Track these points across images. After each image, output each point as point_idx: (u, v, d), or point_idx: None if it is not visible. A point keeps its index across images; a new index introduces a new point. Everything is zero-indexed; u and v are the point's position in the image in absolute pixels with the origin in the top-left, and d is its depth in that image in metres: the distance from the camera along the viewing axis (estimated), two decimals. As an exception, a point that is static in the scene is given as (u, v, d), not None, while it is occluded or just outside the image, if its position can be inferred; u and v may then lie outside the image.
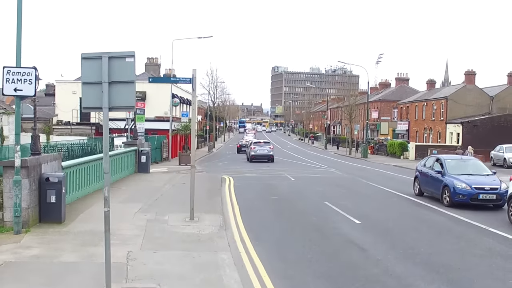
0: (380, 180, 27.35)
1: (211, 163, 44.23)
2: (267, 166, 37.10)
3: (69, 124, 46.80)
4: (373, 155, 63.95)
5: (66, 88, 47.80)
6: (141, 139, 29.13)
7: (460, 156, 19.77)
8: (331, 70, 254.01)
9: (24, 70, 12.41)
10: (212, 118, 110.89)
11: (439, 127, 60.27)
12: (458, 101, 57.92)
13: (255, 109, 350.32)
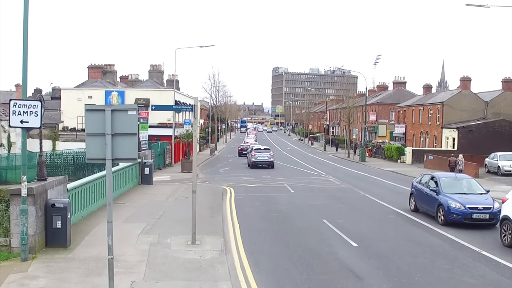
0: (377, 191, 27.34)
1: (213, 169, 44.23)
2: (267, 174, 37.12)
3: (75, 131, 46.82)
4: (371, 158, 63.94)
5: (71, 95, 47.94)
6: (144, 152, 29.08)
7: (454, 174, 19.78)
8: (330, 71, 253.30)
9: (30, 103, 12.51)
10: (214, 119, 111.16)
11: (435, 131, 60.24)
12: (453, 106, 57.90)
13: (256, 109, 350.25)
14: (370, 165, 52.56)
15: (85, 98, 47.72)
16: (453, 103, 58.02)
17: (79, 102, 47.83)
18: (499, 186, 31.50)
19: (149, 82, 49.72)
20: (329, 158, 65.74)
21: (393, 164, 55.23)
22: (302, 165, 47.63)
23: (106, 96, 47.58)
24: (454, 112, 57.84)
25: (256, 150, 43.78)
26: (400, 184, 31.44)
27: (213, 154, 66.96)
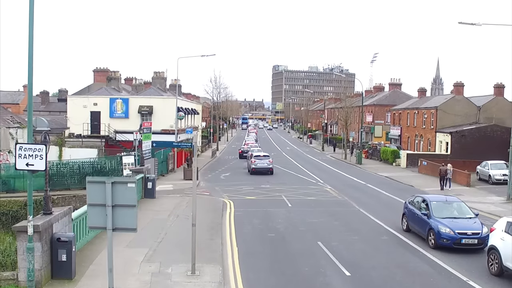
0: (372, 205, 27.38)
1: (214, 174, 44.30)
2: (266, 182, 37.14)
3: (81, 137, 46.92)
4: (367, 160, 64.01)
5: (77, 103, 47.96)
6: (147, 166, 29.15)
7: (445, 197, 19.78)
8: (328, 69, 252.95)
9: (35, 146, 12.61)
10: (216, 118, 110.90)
11: (429, 135, 60.27)
12: (447, 111, 57.91)
13: (257, 105, 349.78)
14: (366, 169, 52.64)
15: (90, 105, 47.77)
16: (447, 108, 58.03)
17: (84, 109, 47.97)
18: (489, 196, 31.61)
19: (152, 90, 49.71)
20: (327, 159, 65.81)
21: (388, 167, 55.34)
22: (301, 170, 47.66)
23: (111, 103, 47.62)
24: (447, 116, 57.87)
25: (256, 157, 43.85)
26: (395, 195, 31.51)
27: (214, 156, 67.02)
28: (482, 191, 34.12)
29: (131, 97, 47.84)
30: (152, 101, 47.55)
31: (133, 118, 47.61)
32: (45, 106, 76.67)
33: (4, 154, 43.24)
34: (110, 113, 47.52)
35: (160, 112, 47.43)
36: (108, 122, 47.53)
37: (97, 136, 46.89)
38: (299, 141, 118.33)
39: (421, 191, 34.52)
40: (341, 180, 40.77)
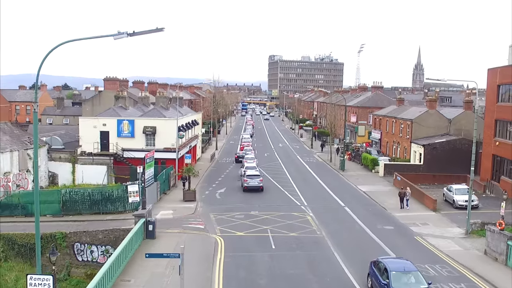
0: (346, 245, 27.99)
1: (211, 191, 44.75)
2: (256, 205, 37.82)
3: (91, 155, 47.45)
4: (350, 164, 64.62)
5: (88, 124, 48.31)
6: (149, 208, 29.61)
7: (403, 266, 20.35)
8: (319, 58, 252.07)
9: (43, 277, 13.24)
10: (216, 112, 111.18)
11: (405, 143, 60.79)
12: (421, 123, 58.37)
13: (255, 89, 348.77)
14: (348, 178, 53.17)
15: (100, 125, 48.13)
16: (421, 121, 58.46)
17: (94, 129, 48.36)
18: (451, 228, 32.26)
19: (155, 111, 49.90)
20: (313, 163, 66.14)
21: (368, 175, 55.95)
22: (288, 184, 48.16)
23: (118, 124, 47.97)
24: (421, 128, 58.35)
25: (248, 176, 44.56)
26: (369, 226, 32.07)
27: (213, 159, 67.44)
28: (446, 218, 34.75)
29: (136, 119, 48.12)
30: (155, 122, 47.91)
31: (138, 137, 48.09)
32: (61, 111, 76.90)
33: (23, 173, 43.91)
34: (118, 133, 47.92)
35: (163, 132, 47.87)
36: (116, 141, 48.02)
37: (106, 154, 47.41)
38: (291, 133, 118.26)
39: (391, 216, 35.39)
40: (323, 200, 41.29)
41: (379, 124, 72.37)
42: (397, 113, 65.81)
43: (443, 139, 55.17)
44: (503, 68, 44.51)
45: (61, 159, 47.58)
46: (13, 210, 36.87)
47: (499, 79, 44.98)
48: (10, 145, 42.85)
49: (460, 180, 48.42)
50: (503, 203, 26.58)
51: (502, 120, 44.24)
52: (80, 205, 36.45)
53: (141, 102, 63.15)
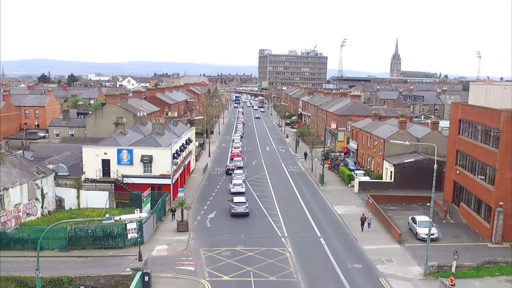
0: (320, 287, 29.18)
1: (203, 216, 45.59)
2: (241, 240, 38.74)
3: (94, 182, 47.97)
4: (329, 173, 65.62)
5: (91, 152, 48.62)
6: (145, 259, 30.37)
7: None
8: (305, 52, 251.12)
9: None
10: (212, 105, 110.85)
11: (378, 159, 61.76)
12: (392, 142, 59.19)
13: (247, 78, 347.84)
14: (326, 195, 53.93)
15: (101, 154, 48.49)
16: (392, 140, 59.26)
17: (96, 157, 48.73)
18: (412, 267, 33.14)
19: (152, 139, 50.27)
20: (296, 173, 66.94)
21: (345, 190, 56.72)
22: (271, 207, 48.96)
23: (118, 153, 48.36)
24: (393, 147, 59.13)
25: (235, 203, 45.47)
26: (341, 268, 33.06)
27: (206, 170, 67.90)
28: (409, 253, 35.76)
29: (135, 148, 48.48)
30: (151, 151, 48.36)
31: (136, 165, 48.58)
32: (66, 122, 76.71)
33: (32, 201, 44.42)
34: (118, 161, 48.36)
35: (159, 160, 48.34)
36: (116, 168, 48.50)
37: (108, 181, 47.93)
38: (278, 132, 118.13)
39: (361, 251, 36.49)
40: (302, 226, 42.29)
41: (356, 135, 73.16)
42: (372, 129, 66.54)
43: (412, 159, 56.15)
44: (464, 106, 45.27)
45: (66, 185, 48.06)
46: (24, 244, 37.65)
47: (460, 114, 45.77)
48: (20, 178, 43.26)
49: (426, 200, 49.71)
50: (454, 262, 27.69)
51: (462, 152, 45.18)
52: (84, 241, 37.27)
53: (139, 121, 63.51)
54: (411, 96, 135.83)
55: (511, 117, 35.95)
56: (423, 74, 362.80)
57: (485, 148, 39.48)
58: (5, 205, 40.33)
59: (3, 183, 40.83)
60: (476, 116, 41.90)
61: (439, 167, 54.69)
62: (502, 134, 36.33)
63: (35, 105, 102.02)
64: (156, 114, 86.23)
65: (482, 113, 40.43)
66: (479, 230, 39.87)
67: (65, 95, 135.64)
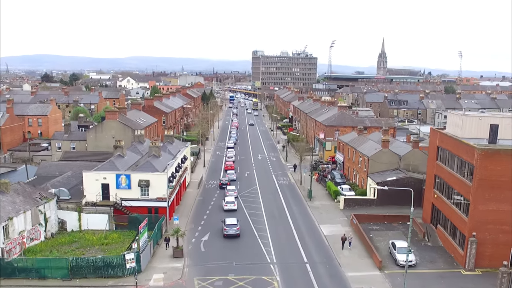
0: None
1: (197, 238, 45.98)
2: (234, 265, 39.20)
3: (94, 205, 48.22)
4: (317, 186, 66.16)
5: (91, 177, 48.80)
6: None
7: None
8: (296, 54, 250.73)
9: None
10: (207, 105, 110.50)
11: (363, 175, 62.35)
12: (376, 160, 59.84)
13: (241, 76, 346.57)
14: (313, 212, 54.52)
15: (101, 179, 48.68)
16: (376, 158, 59.89)
17: (96, 182, 48.93)
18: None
19: (149, 164, 50.42)
20: (285, 185, 67.39)
21: (331, 207, 57.16)
22: (262, 227, 49.45)
23: (117, 178, 48.55)
24: (376, 164, 59.88)
25: (227, 225, 46.02)
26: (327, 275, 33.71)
27: (201, 184, 68.13)
28: (388, 281, 36.31)
29: (132, 173, 48.70)
30: (148, 176, 48.61)
31: (134, 189, 48.83)
32: (68, 135, 76.52)
33: (35, 227, 44.62)
34: (117, 185, 48.59)
35: (155, 184, 48.61)
36: (115, 192, 48.77)
37: (107, 205, 48.18)
38: (270, 137, 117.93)
39: (345, 279, 37.10)
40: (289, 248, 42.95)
41: (343, 149, 73.64)
42: (357, 145, 67.00)
43: (394, 177, 56.70)
44: (441, 134, 45.78)
45: (68, 208, 48.28)
46: (28, 273, 37.93)
47: (439, 142, 46.33)
48: (23, 206, 43.42)
49: (406, 219, 50.32)
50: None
51: (439, 177, 45.82)
52: (85, 270, 37.58)
53: (137, 139, 63.56)
54: (395, 101, 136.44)
55: (484, 154, 36.48)
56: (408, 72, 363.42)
57: (460, 179, 40.10)
58: (10, 234, 40.55)
59: (8, 212, 41.00)
60: (453, 147, 42.46)
61: (419, 185, 55.72)
62: (475, 169, 36.91)
63: (38, 114, 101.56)
64: (153, 125, 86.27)
65: (458, 146, 40.98)
66: (454, 255, 40.63)
67: (67, 100, 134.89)
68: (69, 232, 47.49)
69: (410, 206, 34.52)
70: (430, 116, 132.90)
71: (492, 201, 36.89)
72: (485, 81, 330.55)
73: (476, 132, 43.12)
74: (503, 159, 36.36)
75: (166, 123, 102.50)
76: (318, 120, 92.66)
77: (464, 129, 43.47)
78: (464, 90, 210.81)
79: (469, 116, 43.55)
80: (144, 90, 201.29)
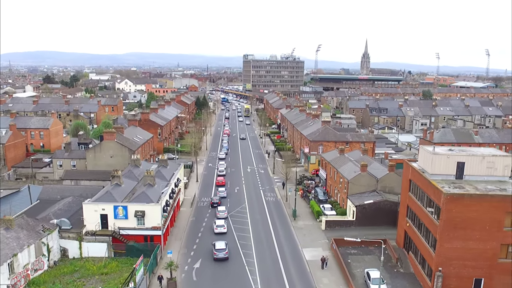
0: None
1: (190, 265, 46.78)
2: None
3: (94, 234, 48.83)
4: (301, 203, 67.25)
5: (90, 208, 49.35)
6: None
7: None
8: (284, 57, 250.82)
9: None
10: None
11: (343, 195, 63.49)
12: (355, 183, 60.98)
13: (233, 76, 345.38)
14: (297, 233, 55.61)
15: (99, 209, 49.25)
16: (355, 181, 61.04)
17: (95, 212, 49.50)
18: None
19: (144, 195, 51.00)
20: (271, 202, 68.32)
21: (314, 227, 58.14)
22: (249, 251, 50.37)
23: (115, 209, 49.14)
24: (356, 186, 61.03)
25: (217, 250, 47.42)
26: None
27: (193, 202, 68.81)
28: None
29: (129, 204, 49.31)
30: (144, 207, 49.28)
31: (131, 219, 49.50)
32: (68, 154, 76.66)
33: (39, 258, 45.18)
34: (114, 215, 49.21)
35: (151, 214, 49.30)
36: (113, 222, 49.42)
37: (106, 234, 48.82)
38: (259, 145, 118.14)
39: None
40: (274, 275, 44.09)
41: (325, 166, 74.66)
42: (339, 165, 68.01)
43: (371, 200, 58.02)
44: (413, 170, 46.95)
45: (69, 238, 48.85)
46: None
47: (411, 175, 47.53)
48: (27, 240, 43.93)
49: (381, 243, 51.66)
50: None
51: (411, 208, 47.09)
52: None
53: (133, 163, 63.98)
54: (376, 109, 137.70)
55: (450, 198, 37.69)
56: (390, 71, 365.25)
57: (429, 216, 41.36)
58: (15, 269, 41.11)
59: (13, 249, 41.54)
60: (423, 184, 43.66)
61: (395, 207, 57.10)
62: (442, 211, 38.15)
63: (39, 127, 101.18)
64: (149, 141, 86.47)
65: (427, 185, 42.16)
66: (423, 284, 42.03)
67: (68, 109, 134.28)
68: (71, 260, 48.13)
69: (387, 224, 35.46)
70: (408, 123, 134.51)
71: (457, 240, 38.21)
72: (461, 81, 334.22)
73: (444, 169, 44.30)
74: (467, 203, 37.62)
75: (161, 135, 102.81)
76: (304, 133, 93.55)
77: (434, 166, 44.60)
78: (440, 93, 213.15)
79: (438, 155, 44.66)
80: (141, 94, 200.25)
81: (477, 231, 37.88)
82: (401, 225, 50.82)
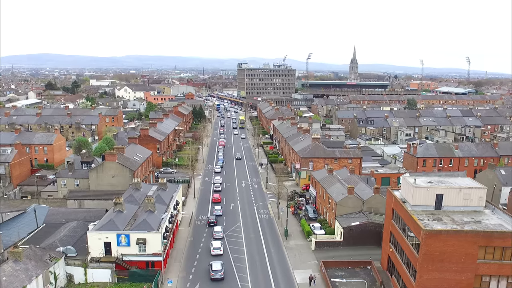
0: None
1: (188, 289, 48.07)
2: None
3: (98, 261, 49.67)
4: (292, 220, 68.46)
5: (94, 237, 50.10)
6: None
7: None
8: (277, 66, 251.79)
9: None
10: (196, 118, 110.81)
11: (332, 215, 64.78)
12: (343, 205, 62.28)
13: (228, 82, 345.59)
14: (288, 254, 56.74)
15: (103, 238, 50.05)
16: (343, 203, 62.34)
17: (99, 241, 50.32)
18: None
19: (144, 222, 51.85)
20: (263, 220, 69.48)
21: (304, 247, 59.30)
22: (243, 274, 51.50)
23: (118, 237, 49.99)
24: (343, 208, 62.32)
25: (214, 271, 48.88)
26: None
27: (191, 221, 69.63)
28: None
29: (131, 233, 50.17)
30: (145, 235, 50.16)
31: (133, 246, 50.35)
32: (72, 173, 77.24)
33: (47, 286, 45.99)
34: (117, 243, 50.06)
35: (151, 242, 50.16)
36: (116, 249, 50.29)
37: (109, 261, 49.67)
38: (253, 157, 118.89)
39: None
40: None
41: (315, 185, 75.88)
42: (328, 185, 69.25)
43: (357, 222, 59.38)
44: (395, 201, 48.30)
45: (75, 264, 49.68)
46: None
47: (394, 205, 48.88)
48: (35, 270, 44.65)
49: (367, 264, 53.11)
50: None
51: (394, 235, 48.48)
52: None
53: (134, 186, 64.68)
54: (363, 120, 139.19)
55: (428, 234, 39.09)
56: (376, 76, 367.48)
57: (409, 247, 42.76)
58: (24, 300, 41.86)
59: (21, 281, 42.27)
60: (404, 216, 45.03)
61: (380, 228, 58.47)
62: (421, 245, 39.54)
63: (43, 143, 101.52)
64: (149, 158, 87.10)
65: (408, 217, 43.52)
66: (404, 309, 43.49)
67: (70, 122, 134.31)
68: (76, 285, 48.95)
69: (373, 244, 36.59)
70: (393, 133, 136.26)
71: (435, 271, 39.64)
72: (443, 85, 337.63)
73: (424, 200, 45.79)
74: (444, 238, 39.02)
75: (160, 149, 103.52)
76: (295, 149, 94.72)
77: (414, 198, 46.02)
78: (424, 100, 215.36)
79: (419, 187, 46.04)
80: (140, 103, 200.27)
81: (453, 263, 39.32)
82: (385, 250, 52.18)
